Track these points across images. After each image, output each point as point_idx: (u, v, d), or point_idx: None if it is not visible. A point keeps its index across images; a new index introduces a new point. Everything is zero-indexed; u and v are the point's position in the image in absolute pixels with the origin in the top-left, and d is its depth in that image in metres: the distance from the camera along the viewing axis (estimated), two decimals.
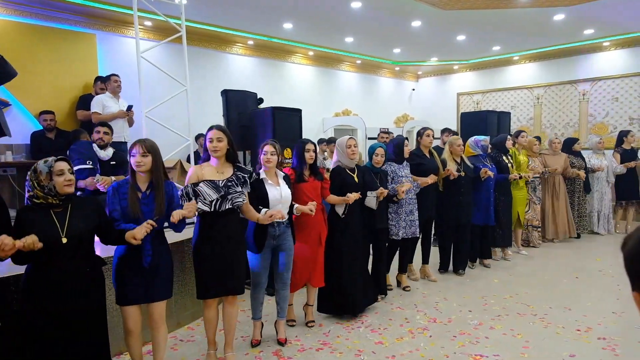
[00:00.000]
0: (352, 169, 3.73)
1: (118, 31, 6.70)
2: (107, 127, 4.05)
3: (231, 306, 2.89)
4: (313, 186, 3.41)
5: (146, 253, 2.43)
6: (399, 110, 12.01)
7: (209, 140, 2.74)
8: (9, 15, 5.84)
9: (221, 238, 2.73)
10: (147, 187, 2.49)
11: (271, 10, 6.67)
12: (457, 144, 4.66)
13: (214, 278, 2.74)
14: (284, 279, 3.26)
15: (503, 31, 8.05)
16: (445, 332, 3.42)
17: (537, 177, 5.85)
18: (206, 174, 2.73)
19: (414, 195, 4.25)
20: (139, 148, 2.43)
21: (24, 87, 5.83)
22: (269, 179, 3.09)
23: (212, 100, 6.62)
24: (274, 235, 3.11)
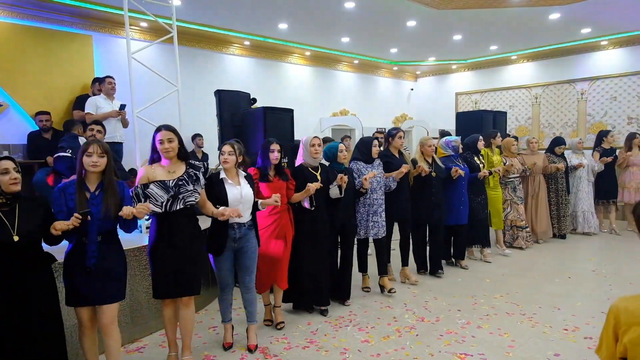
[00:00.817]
0: (315, 168, 3.70)
1: (114, 32, 6.75)
2: (100, 126, 4.13)
3: (186, 308, 2.81)
4: (277, 186, 3.35)
5: (90, 254, 2.38)
6: (398, 110, 12.01)
7: (159, 141, 2.68)
8: (6, 18, 5.89)
9: (174, 238, 2.69)
10: (97, 188, 2.46)
11: (265, 11, 6.70)
12: (428, 144, 4.61)
13: (167, 278, 2.70)
14: (247, 283, 3.18)
15: (499, 30, 8.05)
16: (432, 331, 3.43)
17: (517, 177, 5.78)
18: (157, 174, 2.69)
19: (382, 196, 4.17)
20: (96, 148, 2.41)
21: (21, 88, 5.90)
22: (229, 178, 3.03)
23: (206, 100, 6.66)
24: (234, 237, 3.03)
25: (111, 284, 2.47)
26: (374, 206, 4.12)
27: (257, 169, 3.36)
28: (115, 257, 2.52)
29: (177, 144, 2.72)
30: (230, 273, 3.13)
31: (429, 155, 4.65)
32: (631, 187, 6.66)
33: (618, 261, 5.30)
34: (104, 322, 2.49)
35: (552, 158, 6.30)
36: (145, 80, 5.75)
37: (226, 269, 3.09)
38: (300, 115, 5.17)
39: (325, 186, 3.65)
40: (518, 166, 5.70)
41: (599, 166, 6.61)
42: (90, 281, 2.40)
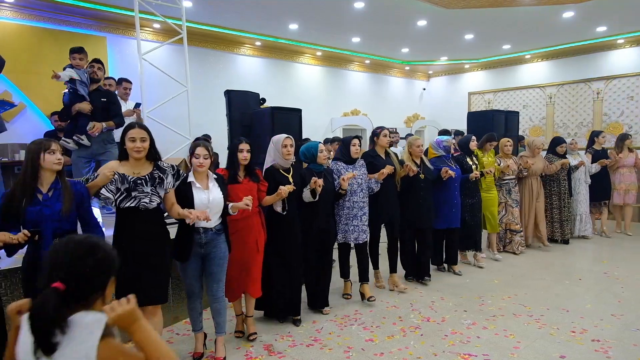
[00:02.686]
0: (286, 170, 3.50)
1: (127, 34, 6.88)
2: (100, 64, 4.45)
3: (152, 317, 2.60)
4: (248, 188, 3.16)
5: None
6: (410, 109, 11.96)
7: (131, 139, 2.50)
8: (24, 20, 6.07)
9: (135, 243, 2.53)
10: (50, 188, 2.33)
11: (276, 11, 6.75)
12: (417, 144, 4.40)
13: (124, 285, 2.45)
14: (214, 292, 2.96)
15: (512, 29, 7.96)
16: (437, 331, 3.42)
17: (512, 179, 5.54)
18: (122, 169, 2.55)
19: (363, 198, 3.96)
20: (58, 146, 2.33)
21: (37, 89, 6.06)
22: (197, 182, 2.85)
23: (217, 100, 6.73)
24: (200, 242, 2.85)
25: None
26: (354, 209, 3.92)
27: (225, 170, 3.20)
28: None
29: (149, 145, 2.55)
30: (197, 280, 2.96)
31: (417, 156, 4.43)
32: (621, 189, 6.51)
33: (630, 263, 5.20)
34: None
35: (553, 159, 6.01)
36: (156, 80, 5.85)
37: (192, 276, 2.92)
38: (311, 115, 5.20)
39: (300, 189, 3.46)
40: (513, 167, 5.44)
41: (596, 168, 6.38)
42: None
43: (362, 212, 3.96)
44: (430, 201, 4.49)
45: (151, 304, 2.59)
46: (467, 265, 5.17)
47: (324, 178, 3.60)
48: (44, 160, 2.28)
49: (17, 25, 6.04)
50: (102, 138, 4.49)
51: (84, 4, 6.11)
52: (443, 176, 4.45)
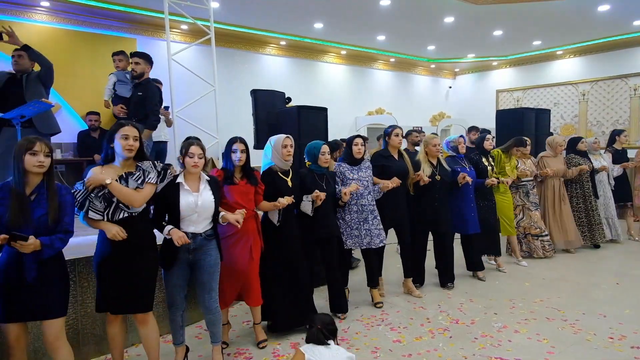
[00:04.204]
0: (285, 172, 3.30)
1: (156, 35, 7.03)
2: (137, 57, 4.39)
3: (143, 326, 2.53)
4: (244, 190, 2.99)
5: (29, 267, 2.14)
6: (435, 108, 11.79)
7: (124, 136, 2.38)
8: (58, 24, 6.28)
9: (121, 249, 2.39)
10: (34, 192, 2.17)
11: (301, 11, 6.76)
12: (433, 143, 4.11)
13: (109, 293, 2.44)
14: (206, 303, 2.76)
15: (543, 25, 7.72)
16: (467, 333, 3.35)
17: (530, 181, 5.26)
18: (105, 177, 2.36)
19: (372, 201, 3.75)
20: (44, 147, 2.16)
21: (72, 90, 6.25)
22: (186, 183, 2.65)
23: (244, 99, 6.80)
24: (188, 248, 2.64)
25: (53, 298, 2.23)
26: (364, 213, 3.70)
27: (221, 171, 3.02)
28: (57, 269, 2.27)
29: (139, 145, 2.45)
30: (181, 290, 2.73)
31: (434, 156, 4.16)
32: None
33: None
34: (49, 340, 2.25)
35: (575, 160, 5.68)
36: (183, 80, 5.95)
37: (174, 284, 2.70)
38: (335, 115, 5.17)
39: (299, 193, 3.28)
40: (532, 169, 5.17)
41: (618, 170, 6.03)
42: (29, 296, 2.17)
43: (373, 215, 3.73)
44: (447, 204, 4.24)
45: (135, 312, 2.50)
46: (492, 270, 4.95)
47: (326, 182, 3.44)
48: (25, 161, 2.13)
49: (53, 28, 6.26)
50: None
51: (115, 7, 6.28)
52: (460, 182, 4.21)
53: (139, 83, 4.44)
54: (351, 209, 3.70)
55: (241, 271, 3.02)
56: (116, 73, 4.72)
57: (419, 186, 4.05)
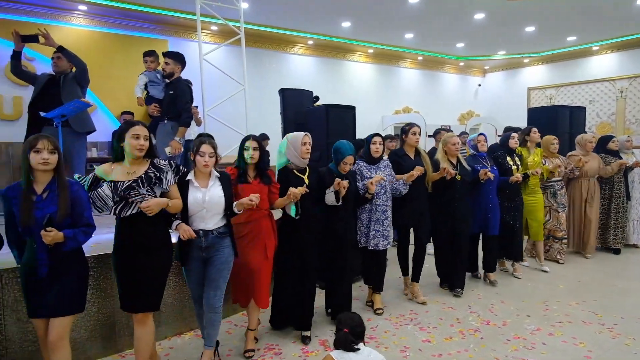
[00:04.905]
0: (302, 170, 3.20)
1: (187, 36, 7.19)
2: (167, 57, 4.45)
3: (140, 326, 2.46)
4: (257, 189, 2.90)
5: (41, 263, 2.14)
6: (464, 107, 11.60)
7: (135, 136, 2.35)
8: (95, 26, 6.52)
9: (131, 247, 2.39)
10: (45, 189, 2.16)
11: (329, 10, 6.78)
12: (452, 142, 3.96)
13: (125, 292, 2.44)
14: (210, 300, 2.70)
15: (578, 20, 7.48)
16: (498, 335, 3.28)
17: (559, 181, 4.97)
18: (114, 174, 2.38)
19: (387, 202, 3.63)
20: (47, 144, 2.13)
21: (107, 91, 6.48)
22: (196, 180, 2.65)
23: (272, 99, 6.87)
24: (200, 245, 2.64)
25: (64, 295, 2.21)
26: (377, 212, 3.59)
27: (234, 169, 2.97)
28: (72, 265, 2.25)
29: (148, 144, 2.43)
30: (199, 285, 2.76)
31: (453, 156, 4.00)
32: None
33: None
34: (51, 338, 2.21)
35: (607, 159, 5.35)
36: (213, 80, 6.06)
37: (193, 281, 2.74)
38: (362, 114, 5.16)
39: (317, 191, 3.20)
40: (562, 168, 4.84)
41: None
42: (42, 291, 2.18)
43: (385, 216, 3.61)
44: (467, 204, 4.08)
45: (140, 312, 2.45)
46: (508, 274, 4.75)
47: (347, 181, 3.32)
48: (30, 159, 2.12)
49: (89, 31, 6.50)
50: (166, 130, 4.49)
51: (148, 9, 6.46)
52: (481, 178, 4.04)
53: (169, 82, 4.54)
54: (364, 207, 3.60)
55: (254, 271, 2.96)
56: (147, 73, 4.84)
57: (438, 185, 3.91)
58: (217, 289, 2.71)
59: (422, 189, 3.84)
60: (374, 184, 3.37)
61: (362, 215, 3.65)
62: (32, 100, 4.04)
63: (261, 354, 3.07)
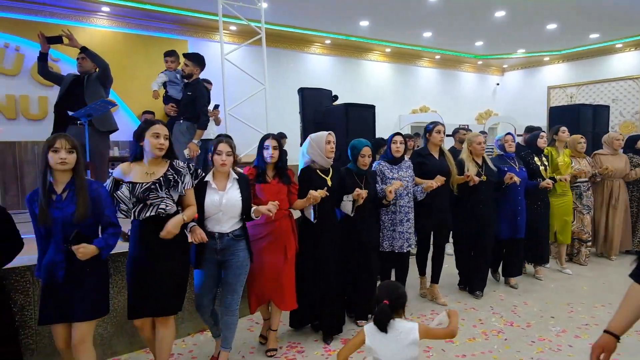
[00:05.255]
0: (325, 171, 3.14)
1: (206, 36, 7.27)
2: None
3: (163, 327, 2.46)
4: (276, 189, 2.89)
5: (58, 266, 2.11)
6: (482, 106, 11.47)
7: (155, 135, 2.32)
8: (117, 27, 6.64)
9: (152, 249, 2.35)
10: (64, 189, 2.14)
11: (348, 9, 6.78)
12: (477, 141, 3.85)
13: (138, 296, 2.39)
14: (227, 304, 2.69)
15: (602, 17, 7.33)
16: (523, 336, 3.24)
17: (585, 182, 4.82)
18: (133, 174, 2.35)
19: (409, 203, 3.55)
20: (65, 143, 2.10)
21: (128, 91, 6.59)
22: (214, 181, 2.63)
23: (291, 98, 6.90)
24: (216, 248, 2.61)
25: (83, 299, 2.16)
26: (400, 214, 3.52)
27: (253, 168, 2.93)
28: (91, 268, 2.19)
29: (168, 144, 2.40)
30: (209, 291, 2.71)
31: (478, 156, 3.89)
32: None
33: None
34: (73, 342, 2.19)
35: (635, 159, 5.15)
36: (233, 80, 6.12)
37: (204, 285, 2.69)
38: (379, 113, 5.12)
39: (338, 193, 3.14)
40: (587, 169, 4.71)
41: None
42: (62, 296, 2.13)
43: (407, 217, 3.54)
44: (492, 206, 3.98)
45: (161, 315, 2.44)
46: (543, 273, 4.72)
47: (365, 182, 3.26)
48: (49, 159, 2.10)
49: (112, 32, 6.62)
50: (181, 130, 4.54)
51: (169, 10, 6.54)
52: (506, 182, 3.91)
53: (188, 83, 4.61)
54: (388, 209, 3.52)
55: (275, 273, 2.92)
56: (167, 73, 4.91)
57: (463, 187, 3.82)
58: (234, 293, 2.69)
59: (444, 192, 3.74)
60: (392, 192, 3.25)
61: (384, 217, 3.56)
62: (58, 100, 4.11)
63: (284, 352, 3.09)
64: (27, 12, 5.93)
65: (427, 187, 3.47)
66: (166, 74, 4.74)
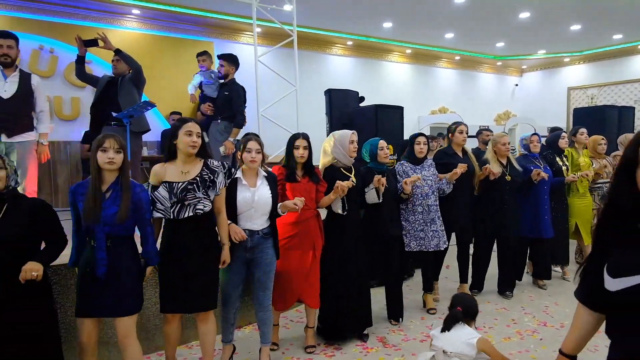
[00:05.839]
0: (348, 169, 3.18)
1: (233, 38, 7.38)
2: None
3: (203, 324, 2.53)
4: (305, 188, 2.92)
5: (100, 262, 2.15)
6: (501, 107, 11.43)
7: (188, 132, 2.35)
8: (146, 29, 6.77)
9: (182, 249, 2.40)
10: (109, 188, 2.20)
11: (371, 11, 6.82)
12: (502, 142, 3.89)
13: (172, 293, 2.43)
14: (260, 300, 2.77)
15: (626, 17, 7.28)
16: (558, 336, 3.27)
17: (607, 183, 4.73)
18: (168, 174, 2.38)
19: (435, 201, 3.62)
20: (113, 143, 2.16)
21: (156, 91, 6.69)
22: (244, 178, 2.67)
23: (315, 99, 6.98)
24: (246, 246, 2.65)
25: (124, 295, 2.23)
26: (430, 213, 3.56)
27: (282, 168, 2.98)
28: (130, 266, 2.26)
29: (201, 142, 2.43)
30: (235, 289, 2.73)
31: (503, 156, 3.93)
32: None
33: None
34: (119, 337, 2.29)
35: None
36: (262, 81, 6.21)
37: (232, 283, 2.71)
38: None
39: (361, 190, 3.21)
40: (609, 169, 4.69)
41: None
42: (101, 292, 2.18)
43: (437, 215, 3.61)
44: (515, 206, 4.01)
45: (199, 311, 2.51)
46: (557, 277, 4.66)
47: (387, 179, 3.29)
48: (98, 158, 2.15)
49: (141, 34, 6.76)
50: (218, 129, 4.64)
51: (197, 12, 6.66)
52: (534, 179, 3.95)
53: (224, 83, 4.71)
54: (416, 209, 3.56)
55: (303, 271, 2.96)
56: (201, 73, 5.03)
57: (485, 186, 3.87)
58: (266, 290, 2.76)
59: (465, 191, 3.81)
60: (408, 184, 3.34)
61: (410, 217, 3.59)
62: (94, 101, 4.22)
63: (322, 349, 3.16)
64: (61, 15, 6.09)
65: (451, 176, 3.55)
66: (201, 74, 4.86)
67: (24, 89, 3.50)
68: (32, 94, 3.56)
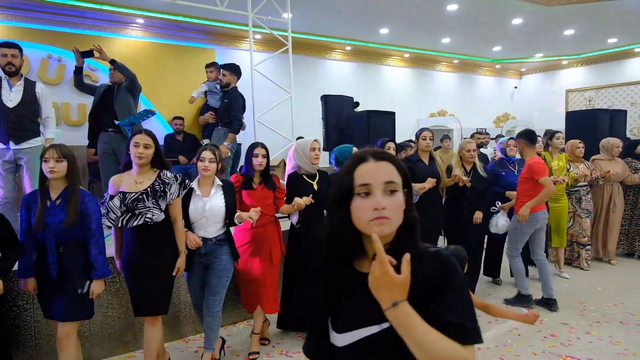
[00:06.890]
0: (311, 176, 3.24)
1: (233, 45, 7.61)
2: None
3: (150, 327, 2.56)
4: (262, 195, 3.01)
5: (51, 266, 2.24)
6: (499, 109, 11.56)
7: (135, 144, 2.42)
8: (149, 37, 7.02)
9: (136, 256, 2.49)
10: (59, 196, 2.27)
11: (369, 17, 7.01)
12: (467, 148, 3.89)
13: (133, 297, 2.57)
14: (209, 304, 2.79)
15: (620, 22, 7.41)
16: (535, 332, 3.44)
17: (584, 186, 4.90)
18: (124, 184, 2.47)
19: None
20: (53, 153, 2.22)
21: (159, 97, 6.95)
22: (198, 188, 2.73)
23: (312, 104, 7.18)
24: (200, 252, 2.74)
25: (71, 300, 2.27)
26: None
27: (240, 176, 3.08)
28: (80, 271, 2.31)
29: (153, 153, 2.48)
30: (199, 292, 2.86)
31: (468, 162, 3.92)
32: None
33: None
34: (59, 337, 2.33)
35: (633, 163, 5.19)
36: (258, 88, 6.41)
37: (194, 286, 2.85)
38: (397, 117, 5.36)
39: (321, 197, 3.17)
40: (587, 173, 4.78)
41: None
42: (52, 294, 2.28)
43: None
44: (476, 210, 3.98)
45: (145, 315, 2.56)
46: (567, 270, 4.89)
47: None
48: (42, 168, 2.25)
49: (145, 42, 7.01)
50: (219, 136, 4.83)
51: (199, 20, 6.90)
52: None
53: (226, 91, 4.93)
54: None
55: (261, 278, 3.03)
56: (208, 83, 5.26)
57: (452, 190, 3.91)
58: (216, 295, 2.79)
59: (433, 198, 3.77)
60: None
61: None
62: (91, 109, 4.35)
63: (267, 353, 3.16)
64: (69, 25, 6.35)
65: (419, 189, 3.54)
66: (207, 84, 5.08)
67: (28, 97, 3.62)
68: (37, 101, 3.67)
